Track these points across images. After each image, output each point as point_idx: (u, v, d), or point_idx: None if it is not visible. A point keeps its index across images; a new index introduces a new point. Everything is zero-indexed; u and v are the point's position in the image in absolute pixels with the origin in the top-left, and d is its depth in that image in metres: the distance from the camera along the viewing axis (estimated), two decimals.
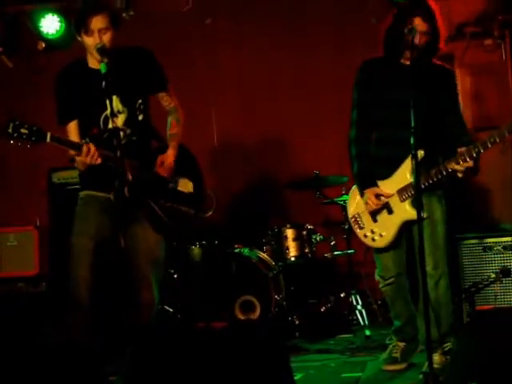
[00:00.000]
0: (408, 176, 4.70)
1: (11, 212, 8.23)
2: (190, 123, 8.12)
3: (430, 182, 4.65)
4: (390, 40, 4.84)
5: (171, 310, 6.71)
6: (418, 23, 4.64)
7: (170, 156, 4.85)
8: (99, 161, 4.46)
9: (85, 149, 4.43)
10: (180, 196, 4.93)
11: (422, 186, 4.51)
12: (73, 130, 4.76)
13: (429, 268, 4.60)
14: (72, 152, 4.52)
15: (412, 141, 4.17)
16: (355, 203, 5.03)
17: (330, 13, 8.11)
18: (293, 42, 8.19)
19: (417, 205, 4.18)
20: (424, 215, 4.26)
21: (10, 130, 4.27)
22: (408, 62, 4.78)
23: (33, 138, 4.30)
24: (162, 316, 6.60)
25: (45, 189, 7.57)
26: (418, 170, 4.17)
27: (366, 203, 4.85)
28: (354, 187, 5.06)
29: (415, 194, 4.31)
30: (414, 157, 4.16)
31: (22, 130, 4.28)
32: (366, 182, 4.88)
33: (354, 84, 5.00)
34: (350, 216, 5.08)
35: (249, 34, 8.29)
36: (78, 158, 4.54)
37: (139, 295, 4.80)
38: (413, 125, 4.20)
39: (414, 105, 4.24)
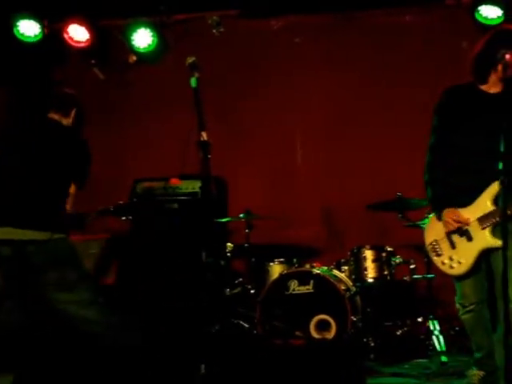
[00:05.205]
0: (489, 204, 4.70)
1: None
2: (274, 143, 8.32)
3: None
4: (478, 65, 4.85)
5: (247, 325, 6.75)
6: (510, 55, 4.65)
7: None
8: None
9: None
10: None
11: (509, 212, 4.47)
12: None
13: (510, 293, 4.51)
14: None
15: (501, 166, 4.17)
16: (433, 230, 4.98)
17: (419, 36, 8.10)
18: (381, 68, 8.20)
19: (502, 231, 4.18)
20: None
21: None
22: (491, 90, 4.81)
23: None
24: (236, 331, 6.67)
25: (128, 199, 7.72)
26: (506, 195, 4.19)
27: (447, 223, 4.82)
28: (432, 215, 5.02)
29: (502, 219, 4.25)
30: (503, 182, 4.14)
31: None
32: (443, 203, 4.86)
33: (435, 109, 5.01)
34: (427, 243, 5.03)
35: (337, 56, 8.32)
36: None
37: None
38: (502, 150, 4.19)
39: (506, 129, 4.24)
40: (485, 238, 4.73)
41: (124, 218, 5.86)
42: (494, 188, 4.63)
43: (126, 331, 5.00)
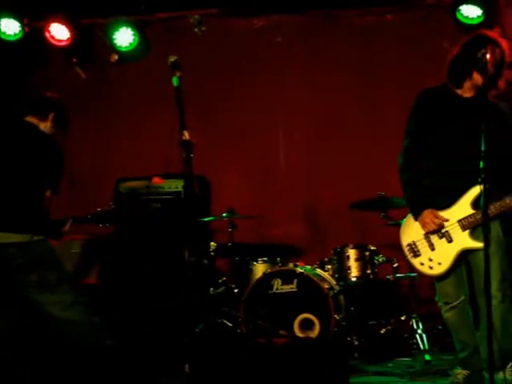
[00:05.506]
0: (469, 207, 4.77)
1: None
2: (256, 142, 8.32)
3: (495, 212, 4.67)
4: (454, 70, 4.90)
5: (231, 324, 6.74)
6: (488, 56, 4.70)
7: None
8: None
9: None
10: None
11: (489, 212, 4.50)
12: None
13: (492, 290, 4.53)
14: None
15: (482, 165, 4.21)
16: (411, 231, 5.01)
17: (400, 36, 8.12)
18: (362, 67, 8.21)
19: (484, 229, 4.19)
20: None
21: None
22: (466, 95, 4.89)
23: None
24: (220, 330, 6.66)
25: (111, 198, 7.68)
26: (487, 196, 4.21)
27: (426, 224, 4.85)
28: (408, 216, 5.05)
29: (483, 218, 4.27)
30: (484, 181, 4.17)
31: None
32: (421, 204, 4.89)
33: (411, 111, 5.04)
34: (404, 244, 5.06)
35: (318, 55, 8.32)
36: None
37: None
38: (483, 149, 4.23)
39: (485, 130, 4.28)
40: (465, 240, 4.80)
41: (101, 225, 5.84)
42: (474, 192, 4.70)
43: (105, 331, 4.99)
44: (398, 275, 7.00)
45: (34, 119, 5.14)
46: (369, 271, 6.97)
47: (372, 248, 7.03)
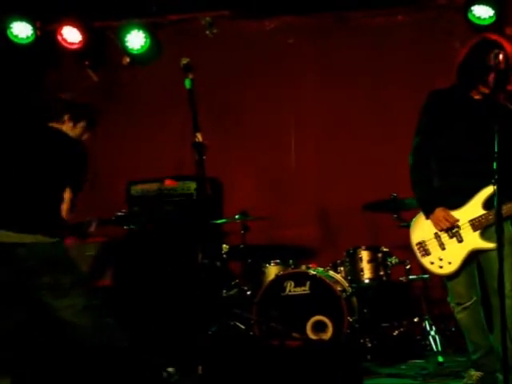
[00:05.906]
0: (480, 207, 4.78)
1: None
2: (269, 144, 8.32)
3: (508, 213, 4.64)
4: (463, 74, 4.89)
5: (244, 327, 6.73)
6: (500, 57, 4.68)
7: None
8: None
9: None
10: None
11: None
12: None
13: (506, 290, 4.52)
14: None
15: (495, 166, 4.20)
16: (421, 230, 5.01)
17: (412, 36, 8.11)
18: (374, 68, 8.20)
19: (497, 230, 4.18)
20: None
21: None
22: (476, 96, 4.87)
23: None
24: (233, 333, 6.66)
25: (123, 201, 7.70)
26: (500, 197, 4.19)
27: (439, 221, 4.84)
28: (418, 215, 5.05)
29: (496, 218, 4.26)
30: (497, 182, 4.18)
31: None
32: (434, 202, 4.89)
33: (421, 110, 5.04)
34: (414, 242, 5.06)
35: (330, 56, 8.32)
36: None
37: None
38: (496, 149, 4.21)
39: (498, 132, 4.25)
40: (476, 240, 4.81)
41: (126, 227, 5.83)
42: (486, 192, 4.71)
43: (119, 332, 4.98)
44: (411, 277, 6.99)
45: (55, 124, 5.13)
46: (382, 273, 6.97)
47: (385, 250, 7.03)
